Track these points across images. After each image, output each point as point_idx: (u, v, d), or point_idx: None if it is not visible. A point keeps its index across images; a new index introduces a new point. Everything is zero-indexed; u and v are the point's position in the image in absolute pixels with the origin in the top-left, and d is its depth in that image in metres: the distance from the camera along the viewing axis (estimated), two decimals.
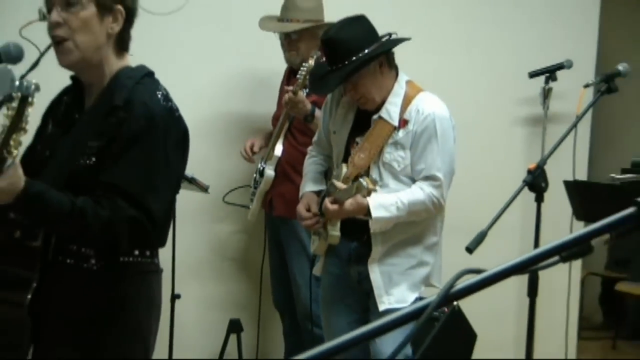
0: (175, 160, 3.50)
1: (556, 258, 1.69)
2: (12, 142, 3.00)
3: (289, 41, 6.34)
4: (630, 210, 1.70)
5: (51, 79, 3.64)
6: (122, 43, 3.57)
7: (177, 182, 3.65)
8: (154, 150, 3.37)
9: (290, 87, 5.97)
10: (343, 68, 4.90)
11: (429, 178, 4.93)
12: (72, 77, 3.69)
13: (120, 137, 3.34)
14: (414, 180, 4.99)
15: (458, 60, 6.94)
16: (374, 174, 4.95)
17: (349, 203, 4.78)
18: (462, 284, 1.57)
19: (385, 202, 4.86)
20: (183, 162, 3.64)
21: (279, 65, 6.63)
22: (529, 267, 1.67)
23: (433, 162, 4.93)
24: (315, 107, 5.98)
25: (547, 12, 7.53)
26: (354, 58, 4.86)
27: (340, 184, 4.86)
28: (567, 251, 1.70)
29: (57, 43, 3.45)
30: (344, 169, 4.99)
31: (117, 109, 3.39)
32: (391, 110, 4.99)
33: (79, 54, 3.45)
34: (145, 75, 3.56)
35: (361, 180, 4.63)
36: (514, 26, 7.46)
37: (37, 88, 3.00)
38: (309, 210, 5.19)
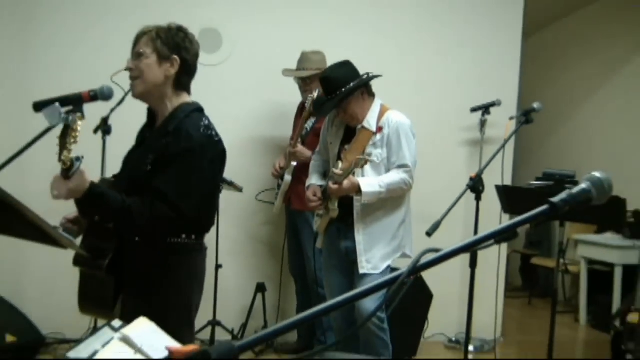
0: (210, 173, 3.53)
1: (492, 241, 1.72)
2: (63, 158, 3.11)
3: (304, 83, 6.47)
4: (544, 207, 1.74)
5: (138, 110, 3.76)
6: (179, 84, 3.62)
7: (213, 189, 3.67)
8: (190, 166, 3.40)
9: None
10: (336, 97, 5.12)
11: (401, 166, 5.10)
12: (147, 109, 3.75)
13: (166, 155, 3.41)
14: (387, 171, 5.12)
15: (422, 98, 7.00)
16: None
17: (345, 182, 4.93)
18: (425, 259, 1.59)
19: (371, 181, 5.03)
20: (220, 174, 3.72)
21: (295, 101, 6.69)
22: (473, 248, 1.69)
23: (403, 155, 5.11)
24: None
25: (483, 64, 7.55)
26: (343, 90, 5.07)
27: (338, 171, 4.95)
28: (499, 236, 1.73)
29: (131, 80, 3.60)
30: (340, 164, 5.04)
31: (168, 134, 3.47)
32: (370, 121, 5.17)
33: (143, 88, 3.56)
34: (195, 110, 3.59)
35: (359, 157, 4.85)
36: (459, 74, 7.49)
37: (76, 120, 3.13)
38: (315, 196, 5.30)
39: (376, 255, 5.15)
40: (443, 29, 7.54)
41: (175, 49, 3.55)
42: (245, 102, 6.98)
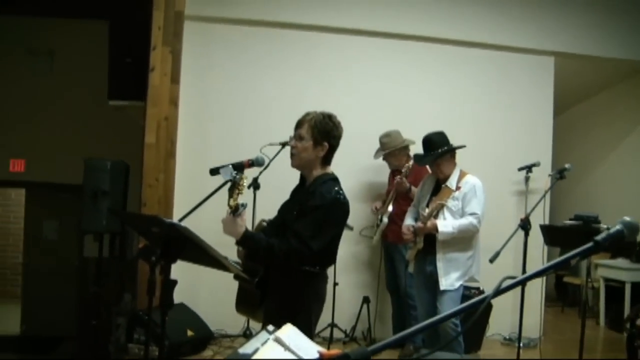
0: (334, 224, 3.56)
1: (552, 270, 1.65)
2: (230, 204, 3.30)
3: (386, 159, 6.57)
4: (590, 244, 1.66)
5: (282, 174, 3.75)
6: (325, 161, 3.66)
7: (336, 236, 3.64)
8: (320, 217, 3.44)
9: (398, 178, 6.14)
10: (433, 154, 5.19)
11: (471, 214, 5.05)
12: (300, 174, 3.79)
13: (305, 208, 3.47)
14: (461, 217, 5.08)
15: (482, 160, 6.75)
16: (441, 212, 5.10)
17: (428, 223, 5.01)
18: (505, 284, 1.53)
19: (447, 224, 5.03)
20: (342, 225, 3.68)
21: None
22: (540, 276, 1.63)
23: (473, 206, 5.09)
24: (412, 186, 6.02)
25: (526, 135, 7.41)
26: (439, 150, 5.15)
27: (425, 213, 5.08)
28: (558, 267, 1.66)
29: (291, 154, 3.65)
30: (427, 209, 5.13)
31: (309, 194, 3.53)
32: (452, 182, 5.17)
33: (299, 162, 3.63)
34: (330, 179, 3.62)
35: (438, 202, 5.06)
36: (509, 143, 7.35)
37: (242, 178, 3.33)
38: (408, 230, 5.26)
39: (452, 277, 5.10)
40: (496, 111, 7.42)
41: (326, 136, 3.59)
42: (357, 163, 6.90)
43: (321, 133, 3.58)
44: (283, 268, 3.49)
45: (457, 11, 7.27)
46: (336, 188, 3.57)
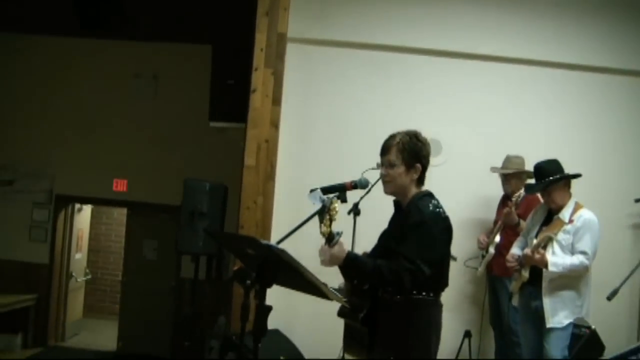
0: (439, 240, 3.41)
1: None
2: (322, 231, 3.19)
3: (506, 179, 6.19)
4: None
5: (384, 199, 3.64)
6: (419, 182, 3.56)
7: (442, 254, 3.51)
8: (422, 233, 3.30)
9: (507, 208, 5.90)
10: (544, 182, 4.99)
11: (582, 252, 4.82)
12: (394, 200, 3.69)
13: (405, 227, 3.36)
14: (571, 252, 4.86)
15: (596, 192, 6.24)
16: (550, 245, 4.89)
17: (537, 255, 4.83)
18: None
19: (556, 261, 4.81)
20: (447, 243, 3.55)
21: (494, 194, 6.45)
22: None
23: (585, 244, 4.83)
24: (520, 219, 5.80)
25: None
26: (551, 178, 4.94)
27: (534, 242, 4.90)
28: None
29: (384, 182, 3.55)
30: (535, 240, 4.96)
31: (407, 213, 3.43)
32: (565, 214, 4.94)
33: (393, 189, 3.55)
34: (426, 195, 3.52)
35: (547, 234, 4.88)
36: (624, 174, 6.87)
37: (332, 202, 3.17)
38: (512, 258, 5.16)
39: (560, 314, 4.89)
40: (614, 139, 6.94)
41: (417, 157, 3.51)
42: (459, 192, 6.56)
43: (411, 155, 3.52)
44: (393, 297, 3.35)
45: (576, 33, 6.91)
46: (434, 201, 3.48)
